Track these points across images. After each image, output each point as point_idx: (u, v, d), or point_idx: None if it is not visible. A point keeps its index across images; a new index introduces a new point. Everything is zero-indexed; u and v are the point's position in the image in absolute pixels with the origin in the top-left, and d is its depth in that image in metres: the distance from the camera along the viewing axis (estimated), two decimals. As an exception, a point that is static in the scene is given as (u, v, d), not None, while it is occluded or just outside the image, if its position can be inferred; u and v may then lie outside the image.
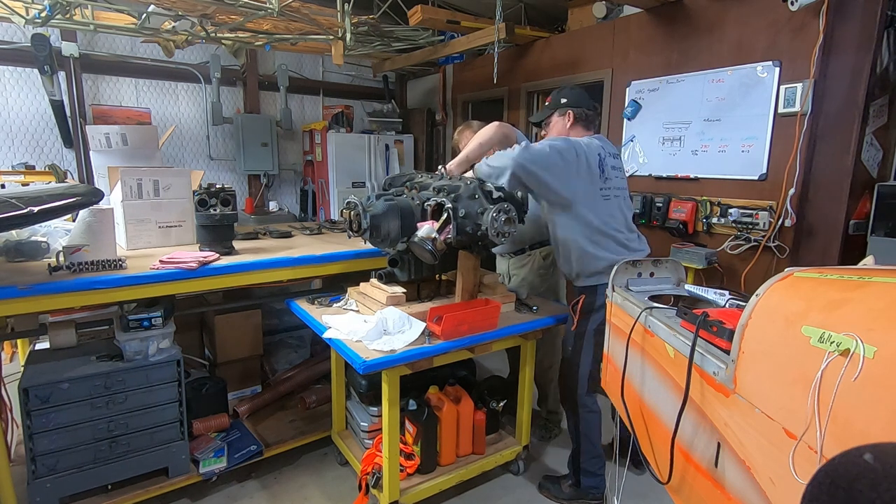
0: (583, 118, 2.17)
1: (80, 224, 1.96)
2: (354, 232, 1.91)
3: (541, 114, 2.28)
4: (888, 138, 2.63)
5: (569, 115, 2.16)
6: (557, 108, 2.18)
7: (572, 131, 2.16)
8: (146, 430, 2.06)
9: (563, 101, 2.17)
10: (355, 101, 5.71)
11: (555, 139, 2.02)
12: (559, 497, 2.26)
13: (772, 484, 0.79)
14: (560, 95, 2.20)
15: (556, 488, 2.28)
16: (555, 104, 2.20)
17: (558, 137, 2.06)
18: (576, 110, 2.16)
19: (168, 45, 3.86)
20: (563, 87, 2.26)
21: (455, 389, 2.37)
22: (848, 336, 0.67)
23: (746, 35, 2.83)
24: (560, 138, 2.04)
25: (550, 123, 2.22)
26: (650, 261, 1.58)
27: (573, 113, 2.15)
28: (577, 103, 2.16)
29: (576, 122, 2.17)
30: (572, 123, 2.16)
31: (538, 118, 2.29)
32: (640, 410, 1.32)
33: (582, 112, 2.16)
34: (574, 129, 2.16)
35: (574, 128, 2.17)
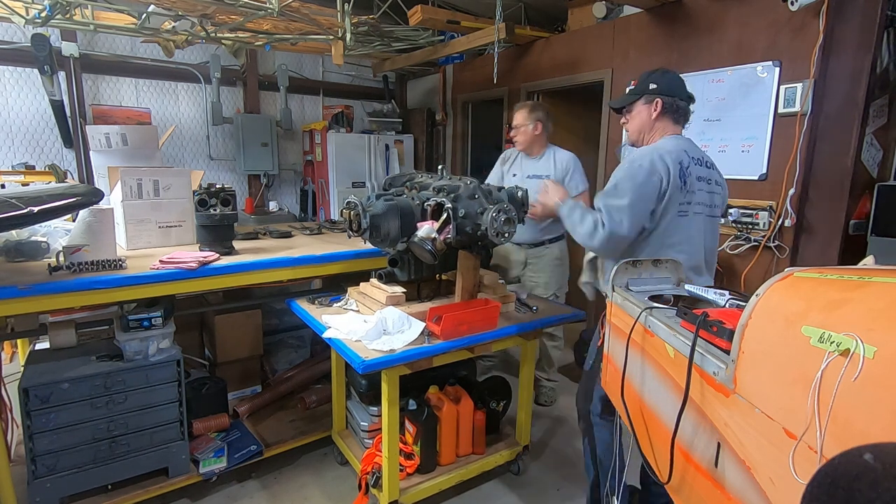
0: (673, 110, 1.81)
1: (80, 224, 1.96)
2: (354, 232, 1.90)
3: (624, 98, 1.93)
4: (888, 138, 2.63)
5: (657, 103, 1.81)
6: (644, 94, 1.83)
7: (658, 123, 1.83)
8: (146, 430, 2.06)
9: (652, 86, 1.82)
10: (355, 101, 5.71)
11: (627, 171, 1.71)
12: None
13: (772, 484, 0.79)
14: (649, 79, 1.84)
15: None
16: (641, 89, 1.84)
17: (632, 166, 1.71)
18: (666, 99, 1.80)
19: (168, 45, 3.86)
20: (655, 69, 1.90)
21: (455, 389, 2.37)
22: (848, 336, 0.67)
23: (746, 35, 2.83)
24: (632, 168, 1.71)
25: (633, 111, 1.87)
26: (650, 261, 1.58)
27: (662, 102, 1.80)
28: (668, 90, 1.81)
29: (664, 114, 1.82)
30: (659, 115, 1.82)
31: (620, 103, 1.93)
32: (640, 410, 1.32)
33: (673, 102, 1.80)
34: (661, 121, 1.83)
35: (661, 120, 1.83)
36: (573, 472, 2.52)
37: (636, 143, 1.91)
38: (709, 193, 1.80)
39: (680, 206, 1.72)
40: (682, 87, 1.84)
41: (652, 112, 1.83)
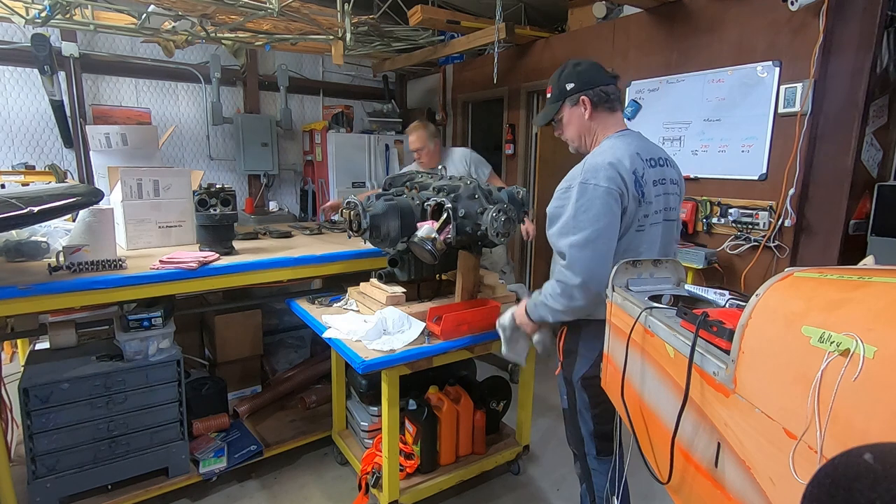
0: (603, 100, 1.60)
1: (80, 224, 1.96)
2: (354, 232, 1.90)
3: (546, 112, 1.70)
4: (888, 138, 2.63)
5: (583, 101, 1.60)
6: (566, 98, 1.63)
7: (595, 122, 1.61)
8: (146, 430, 2.06)
9: (569, 86, 1.62)
10: (355, 101, 5.71)
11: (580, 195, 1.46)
12: None
13: (772, 484, 0.79)
14: (563, 80, 1.63)
15: None
16: (560, 93, 1.64)
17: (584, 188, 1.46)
18: (590, 92, 1.59)
19: (168, 45, 3.86)
20: (561, 67, 1.67)
21: (455, 389, 2.37)
22: (848, 336, 0.67)
23: (746, 35, 2.83)
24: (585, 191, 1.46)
25: (564, 120, 1.66)
26: (650, 261, 1.58)
27: (588, 98, 1.59)
28: (588, 82, 1.60)
29: (596, 109, 1.60)
30: (591, 112, 1.60)
31: (544, 119, 1.71)
32: (640, 410, 1.32)
33: (599, 92, 1.59)
34: (597, 118, 1.61)
35: (596, 117, 1.61)
36: (573, 472, 2.52)
37: (580, 148, 1.69)
38: (664, 196, 1.60)
39: (638, 222, 1.53)
40: (599, 71, 1.63)
41: (583, 112, 1.61)
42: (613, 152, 1.52)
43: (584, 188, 1.46)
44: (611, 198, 1.45)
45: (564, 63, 1.69)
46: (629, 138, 1.60)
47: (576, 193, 1.47)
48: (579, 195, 1.46)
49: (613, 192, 1.45)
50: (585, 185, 1.46)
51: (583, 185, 1.46)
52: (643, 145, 1.60)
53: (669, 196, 1.62)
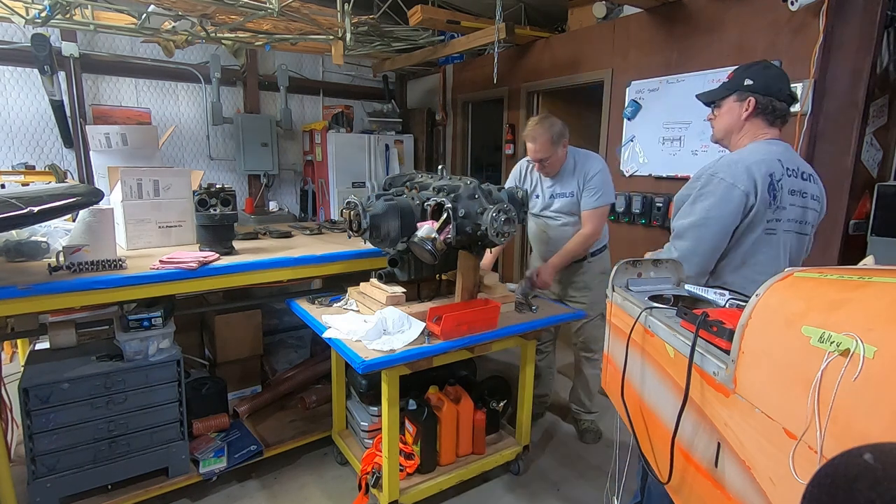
0: (768, 110, 1.60)
1: (80, 224, 1.96)
2: (354, 232, 1.91)
3: (714, 91, 1.71)
4: (888, 138, 2.63)
5: (749, 102, 1.60)
6: (738, 90, 1.63)
7: (749, 124, 1.63)
8: (146, 430, 2.06)
9: (747, 82, 1.61)
10: (355, 101, 5.71)
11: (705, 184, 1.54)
12: None
13: (772, 484, 0.79)
14: (746, 74, 1.63)
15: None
16: (736, 83, 1.64)
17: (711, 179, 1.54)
18: (761, 98, 1.59)
19: (168, 45, 3.86)
20: (756, 62, 1.68)
21: (455, 389, 2.37)
22: (848, 336, 0.67)
23: (746, 35, 2.83)
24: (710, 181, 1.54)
25: (723, 107, 1.68)
26: (650, 261, 1.58)
27: (755, 101, 1.59)
28: (765, 88, 1.59)
29: (756, 114, 1.61)
30: (750, 114, 1.61)
31: (710, 96, 1.72)
32: (640, 410, 1.32)
33: (769, 102, 1.59)
34: (752, 122, 1.62)
35: (752, 120, 1.62)
36: (573, 472, 2.53)
37: (721, 141, 1.73)
38: (801, 209, 1.60)
39: (768, 224, 1.54)
40: (783, 85, 1.63)
41: (743, 111, 1.62)
42: (753, 154, 1.56)
43: (711, 179, 1.54)
44: (732, 193, 1.50)
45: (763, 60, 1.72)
46: (775, 146, 1.61)
47: (702, 182, 1.56)
48: (704, 184, 1.55)
49: (737, 189, 1.50)
50: (713, 176, 1.54)
51: (710, 177, 1.54)
52: (788, 155, 1.61)
53: (807, 210, 1.63)
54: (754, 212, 1.52)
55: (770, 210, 1.53)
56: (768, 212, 1.53)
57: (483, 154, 5.68)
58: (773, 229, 1.56)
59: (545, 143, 2.38)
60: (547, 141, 2.37)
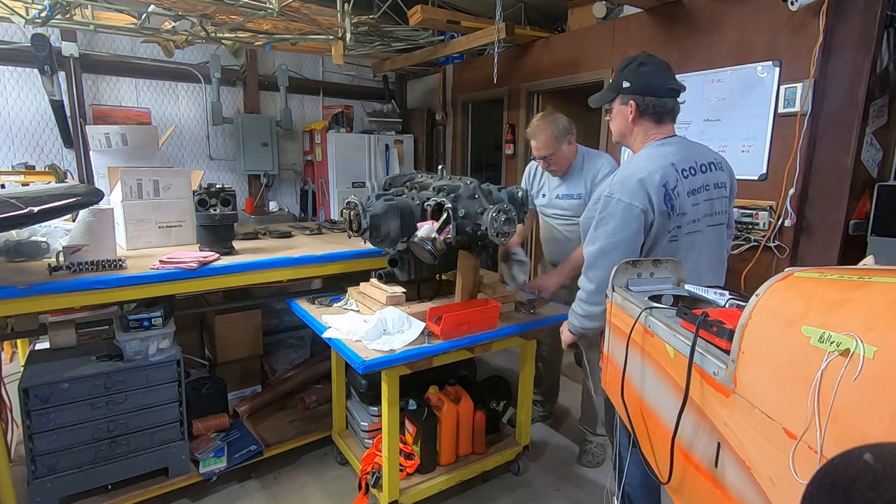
0: (650, 110, 1.61)
1: (80, 224, 1.96)
2: (354, 232, 1.91)
3: (601, 96, 1.75)
4: (888, 138, 2.63)
5: (630, 104, 1.61)
6: (619, 93, 1.65)
7: (638, 126, 1.64)
8: (146, 430, 2.06)
9: (625, 84, 1.62)
10: (355, 101, 5.71)
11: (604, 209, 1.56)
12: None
13: (772, 484, 0.79)
14: (623, 75, 1.64)
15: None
16: (616, 85, 1.66)
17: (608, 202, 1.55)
18: (640, 100, 1.60)
19: (168, 45, 3.86)
20: (633, 57, 1.67)
21: (455, 389, 2.37)
22: (848, 336, 0.67)
23: (746, 35, 2.83)
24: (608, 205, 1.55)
25: (613, 110, 1.70)
26: (650, 261, 1.58)
27: (635, 104, 1.61)
28: (642, 89, 1.60)
29: (641, 116, 1.62)
30: (635, 117, 1.63)
31: (597, 101, 1.76)
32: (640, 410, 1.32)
33: (649, 103, 1.60)
34: (640, 123, 1.64)
35: (640, 122, 1.64)
36: (573, 472, 2.53)
37: (621, 142, 1.77)
38: (707, 202, 1.62)
39: (670, 234, 1.57)
40: (663, 80, 1.62)
41: (628, 114, 1.64)
42: (646, 165, 1.56)
43: (608, 201, 1.55)
44: (631, 213, 1.52)
45: (636, 55, 1.68)
46: (668, 147, 1.61)
47: (601, 205, 1.57)
48: (603, 207, 1.56)
49: (635, 208, 1.52)
50: (610, 198, 1.55)
51: (607, 199, 1.55)
52: (683, 154, 1.60)
53: (714, 201, 1.63)
54: (655, 225, 1.54)
55: (669, 221, 1.55)
56: (668, 222, 1.55)
57: (483, 154, 5.68)
58: (675, 236, 1.58)
59: (548, 139, 2.32)
60: (550, 136, 2.31)
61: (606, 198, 1.56)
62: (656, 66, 1.65)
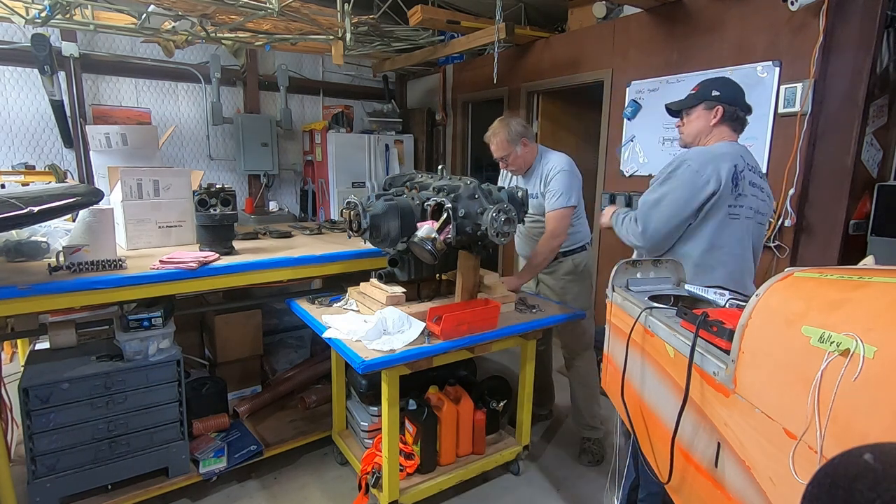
0: (732, 118, 1.82)
1: (80, 224, 1.96)
2: (354, 232, 1.91)
3: (685, 101, 1.90)
4: (888, 138, 2.63)
5: (717, 110, 1.80)
6: (706, 100, 1.83)
7: (716, 130, 1.83)
8: (146, 430, 2.06)
9: (714, 93, 1.82)
10: (355, 101, 5.71)
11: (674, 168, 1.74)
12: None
13: (772, 484, 0.79)
14: (713, 86, 1.84)
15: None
16: (703, 94, 1.84)
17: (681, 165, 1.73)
18: (728, 107, 1.80)
19: (168, 45, 3.86)
20: (717, 77, 1.92)
21: (455, 389, 2.37)
22: (848, 336, 0.67)
23: (746, 35, 2.83)
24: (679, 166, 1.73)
25: (692, 115, 1.87)
26: (650, 261, 1.58)
27: (723, 109, 1.80)
28: (731, 99, 1.81)
29: (723, 121, 1.82)
30: (718, 121, 1.82)
31: (680, 105, 1.91)
32: (640, 410, 1.32)
33: (734, 112, 1.81)
34: (719, 127, 1.83)
35: (719, 127, 1.83)
36: (573, 472, 2.53)
37: (689, 146, 1.90)
38: (759, 200, 1.79)
39: (730, 209, 1.73)
40: (744, 97, 1.84)
41: (711, 118, 1.83)
42: (720, 147, 1.78)
43: (680, 164, 1.74)
44: (697, 178, 1.70)
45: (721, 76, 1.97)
46: (737, 146, 1.83)
47: (674, 165, 1.75)
48: (673, 168, 1.75)
49: (702, 174, 1.69)
50: (683, 162, 1.74)
51: (681, 162, 1.74)
52: (749, 154, 1.83)
53: (762, 202, 1.82)
54: (717, 197, 1.70)
55: (732, 196, 1.72)
56: (730, 198, 1.72)
57: (483, 154, 5.65)
58: (736, 214, 1.74)
59: (501, 142, 2.47)
60: (503, 140, 2.46)
61: (680, 161, 1.74)
62: (739, 86, 1.87)
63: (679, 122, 1.93)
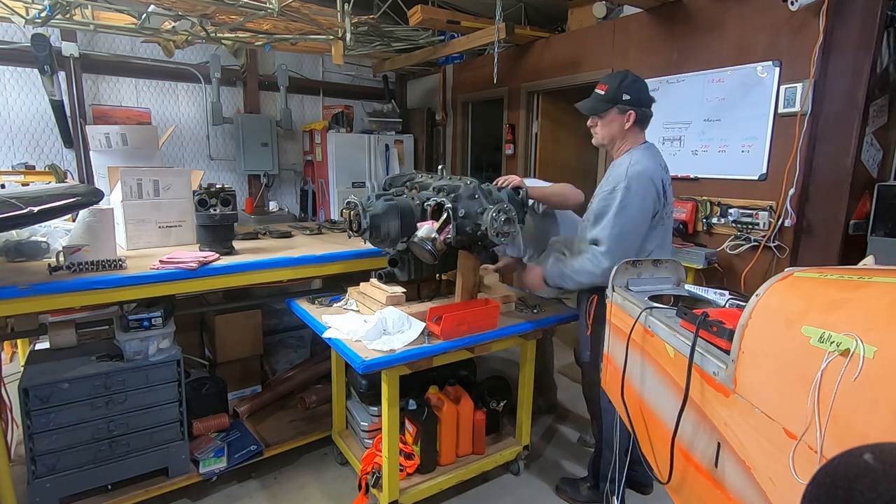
0: (643, 120, 1.87)
1: (80, 224, 1.96)
2: (354, 232, 1.91)
3: (595, 106, 1.92)
4: (888, 138, 2.63)
5: (630, 115, 1.85)
6: (619, 104, 1.85)
7: (630, 133, 1.89)
8: (146, 430, 2.06)
9: (625, 97, 1.84)
10: (355, 101, 5.71)
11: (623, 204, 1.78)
12: (577, 499, 2.24)
13: (772, 484, 0.79)
14: (622, 89, 1.84)
15: (574, 490, 2.27)
16: (614, 97, 1.86)
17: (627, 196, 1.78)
18: (638, 110, 1.85)
19: (168, 45, 3.86)
20: (622, 74, 1.89)
21: (455, 389, 2.37)
22: (848, 336, 0.67)
23: (746, 35, 2.83)
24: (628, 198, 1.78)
25: (606, 118, 1.90)
26: (650, 261, 1.58)
27: (636, 114, 1.85)
28: (640, 101, 1.85)
29: (635, 125, 1.87)
30: (631, 126, 1.87)
31: (591, 111, 1.94)
32: (640, 410, 1.32)
33: (644, 113, 1.86)
34: (632, 130, 1.88)
35: (632, 130, 1.88)
36: (573, 472, 2.52)
37: (604, 146, 1.99)
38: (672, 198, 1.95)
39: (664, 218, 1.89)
40: (647, 93, 1.89)
41: (625, 123, 1.88)
42: (649, 163, 1.84)
43: (627, 192, 1.79)
44: (646, 203, 1.80)
45: (625, 72, 1.92)
46: (652, 151, 1.91)
47: (620, 195, 1.79)
48: (623, 197, 1.79)
49: (649, 198, 1.81)
50: (628, 189, 1.79)
51: (626, 190, 1.79)
52: (659, 155, 1.93)
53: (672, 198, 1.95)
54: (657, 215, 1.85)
55: (664, 207, 1.87)
56: (664, 209, 1.87)
57: (483, 154, 5.68)
58: (663, 220, 1.90)
59: None
60: None
61: (625, 189, 1.79)
62: (644, 82, 1.90)
63: (591, 122, 1.96)
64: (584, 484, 2.26)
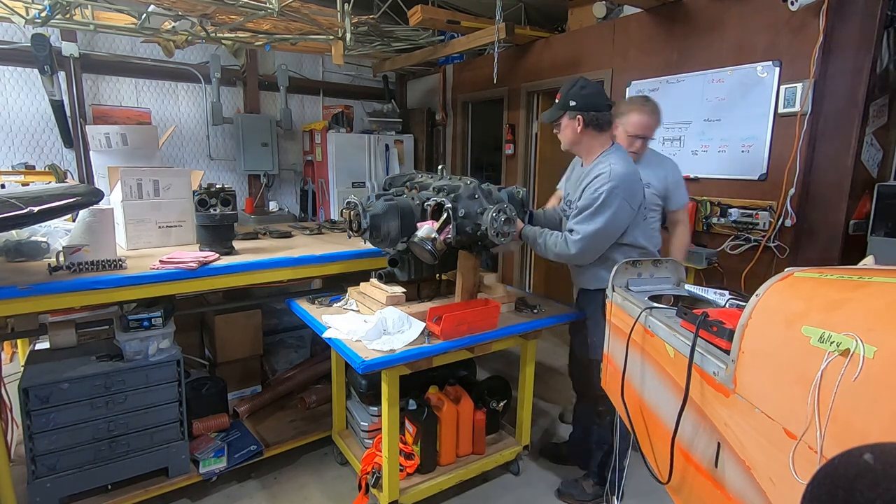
0: (594, 123, 1.97)
1: (80, 224, 1.96)
2: (354, 232, 1.91)
3: (550, 114, 2.06)
4: (888, 138, 2.63)
5: (578, 119, 1.96)
6: (567, 110, 1.98)
7: (585, 136, 2.00)
8: (146, 430, 2.06)
9: (571, 103, 1.97)
10: (355, 101, 5.71)
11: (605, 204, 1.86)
12: (584, 499, 2.24)
13: (772, 484, 0.79)
14: (568, 96, 1.98)
15: (579, 491, 2.26)
16: (564, 104, 1.99)
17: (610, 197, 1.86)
18: (586, 115, 1.95)
19: (168, 45, 3.86)
20: (573, 81, 2.01)
21: (455, 389, 2.37)
22: (848, 336, 0.67)
23: (746, 35, 2.83)
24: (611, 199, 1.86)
25: (561, 125, 2.04)
26: (650, 261, 1.58)
27: (583, 118, 1.96)
28: (585, 106, 1.95)
29: (587, 128, 1.98)
30: (583, 129, 1.98)
31: (549, 118, 2.08)
32: (640, 410, 1.32)
33: (593, 117, 1.96)
34: (586, 132, 1.99)
35: (586, 132, 1.99)
36: (573, 472, 2.52)
37: (571, 150, 2.10)
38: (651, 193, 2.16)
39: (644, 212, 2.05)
40: (601, 98, 1.99)
41: (576, 127, 1.99)
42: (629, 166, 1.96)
43: (611, 191, 1.87)
44: (626, 203, 1.89)
45: (576, 79, 2.03)
46: (622, 150, 2.05)
47: (604, 196, 1.87)
48: (605, 197, 1.87)
49: (628, 205, 1.90)
50: (613, 191, 1.87)
51: (611, 191, 1.87)
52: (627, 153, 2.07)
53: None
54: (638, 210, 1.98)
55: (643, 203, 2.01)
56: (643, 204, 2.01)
57: (483, 154, 5.68)
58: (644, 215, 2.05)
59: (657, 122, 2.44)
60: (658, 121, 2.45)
61: (610, 190, 1.87)
62: (594, 88, 2.01)
63: (555, 130, 2.09)
64: (589, 481, 2.25)
